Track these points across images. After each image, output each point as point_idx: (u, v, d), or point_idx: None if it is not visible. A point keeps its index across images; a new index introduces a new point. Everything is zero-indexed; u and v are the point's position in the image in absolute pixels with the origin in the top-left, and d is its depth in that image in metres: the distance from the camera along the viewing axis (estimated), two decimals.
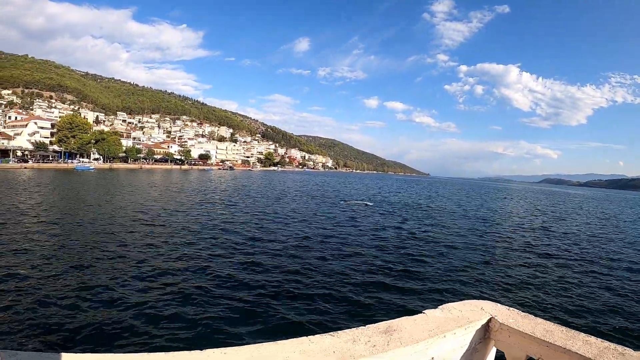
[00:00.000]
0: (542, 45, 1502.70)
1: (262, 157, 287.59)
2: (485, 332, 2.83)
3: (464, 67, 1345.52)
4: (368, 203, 48.80)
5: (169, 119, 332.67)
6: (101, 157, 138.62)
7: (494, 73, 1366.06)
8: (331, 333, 2.42)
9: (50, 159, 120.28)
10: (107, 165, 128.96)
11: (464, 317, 2.80)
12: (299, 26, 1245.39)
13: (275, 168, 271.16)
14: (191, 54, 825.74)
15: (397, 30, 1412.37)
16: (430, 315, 2.86)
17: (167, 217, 28.50)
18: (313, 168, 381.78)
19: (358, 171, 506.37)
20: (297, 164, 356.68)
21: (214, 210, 34.97)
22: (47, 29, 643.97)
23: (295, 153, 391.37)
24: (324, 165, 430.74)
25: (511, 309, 2.95)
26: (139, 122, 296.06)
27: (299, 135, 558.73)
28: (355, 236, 23.35)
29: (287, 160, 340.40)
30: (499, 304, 3.05)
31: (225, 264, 15.54)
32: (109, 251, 16.68)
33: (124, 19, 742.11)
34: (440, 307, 3.02)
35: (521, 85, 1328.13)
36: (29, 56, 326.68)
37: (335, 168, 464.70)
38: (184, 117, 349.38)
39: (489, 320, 2.82)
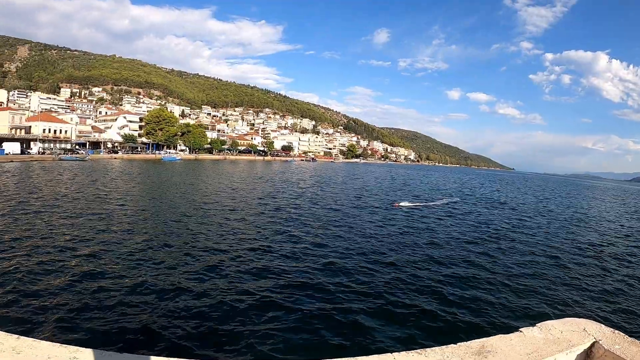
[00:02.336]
0: (633, 30, 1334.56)
1: (344, 149, 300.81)
2: (587, 359, 2.73)
3: (549, 55, 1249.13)
4: (454, 199, 49.87)
5: (252, 111, 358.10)
6: (187, 148, 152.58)
7: (581, 61, 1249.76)
8: (419, 350, 2.40)
9: (139, 150, 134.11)
10: (192, 156, 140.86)
11: (564, 340, 2.70)
12: (378, 17, 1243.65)
13: (357, 160, 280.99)
14: (272, 48, 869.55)
15: (478, 17, 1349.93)
16: (528, 334, 2.78)
17: (250, 205, 31.77)
18: (395, 161, 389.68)
19: (440, 164, 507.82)
20: (379, 156, 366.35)
21: (305, 202, 36.83)
22: (132, 30, 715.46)
23: (378, 145, 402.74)
24: (406, 158, 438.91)
25: (616, 331, 2.82)
26: (223, 115, 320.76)
27: (381, 128, 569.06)
28: (440, 238, 23.88)
29: (369, 152, 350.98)
30: (602, 325, 2.90)
31: (309, 264, 16.35)
32: (203, 240, 18.87)
33: (204, 18, 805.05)
34: (538, 325, 2.94)
35: (611, 74, 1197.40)
36: (117, 56, 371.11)
37: (418, 161, 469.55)
38: (267, 109, 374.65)
39: (592, 345, 2.70)
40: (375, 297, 12.64)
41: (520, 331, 2.73)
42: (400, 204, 38.83)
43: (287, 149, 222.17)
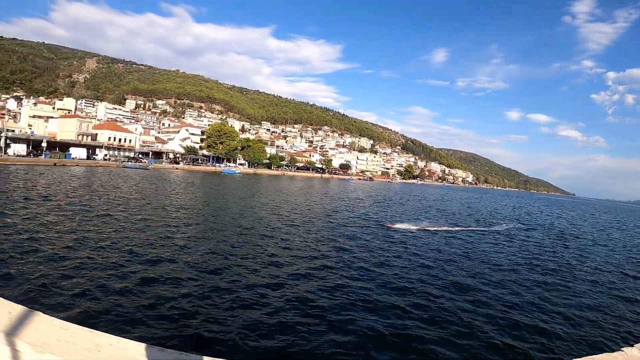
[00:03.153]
0: None
1: (401, 169, 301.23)
2: None
3: (611, 74, 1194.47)
4: (517, 225, 46.90)
5: (310, 129, 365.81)
6: (246, 162, 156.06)
7: None
8: None
9: (199, 162, 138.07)
10: (251, 171, 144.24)
11: None
12: (435, 36, 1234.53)
13: (415, 181, 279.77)
14: (330, 67, 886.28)
15: (537, 35, 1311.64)
16: (630, 353, 2.80)
17: (311, 221, 31.64)
18: (453, 183, 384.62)
19: (499, 188, 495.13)
20: (437, 177, 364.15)
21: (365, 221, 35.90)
22: (194, 47, 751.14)
23: (435, 166, 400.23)
24: (463, 180, 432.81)
25: None
26: (282, 131, 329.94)
27: (439, 149, 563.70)
28: (506, 262, 22.87)
29: (427, 173, 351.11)
30: None
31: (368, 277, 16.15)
32: (264, 254, 18.63)
33: (264, 36, 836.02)
34: (636, 345, 2.96)
35: None
36: (180, 71, 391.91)
37: (476, 184, 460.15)
38: (326, 127, 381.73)
39: None
40: (446, 322, 12.10)
41: (622, 350, 2.79)
42: (440, 227, 35.59)
43: (345, 167, 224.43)
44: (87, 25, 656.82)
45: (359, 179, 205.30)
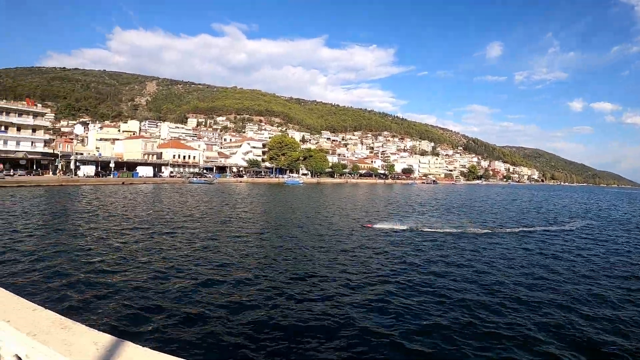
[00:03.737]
0: None
1: (464, 170, 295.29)
2: None
3: None
4: (587, 222, 41.82)
5: (370, 135, 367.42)
6: (309, 172, 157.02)
7: None
8: None
9: (263, 174, 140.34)
10: (314, 180, 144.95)
11: None
12: (489, 30, 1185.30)
13: (479, 181, 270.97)
14: (385, 71, 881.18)
15: (591, 19, 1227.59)
16: None
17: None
18: (518, 181, 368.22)
19: (566, 184, 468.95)
20: (501, 176, 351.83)
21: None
22: (249, 63, 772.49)
23: (499, 165, 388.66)
24: (529, 178, 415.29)
25: None
26: (343, 139, 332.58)
27: (502, 147, 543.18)
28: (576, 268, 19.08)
29: (491, 173, 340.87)
30: None
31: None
32: (337, 266, 17.43)
33: (317, 47, 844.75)
34: None
35: None
36: (238, 87, 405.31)
37: (542, 180, 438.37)
38: (385, 132, 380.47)
39: None
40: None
41: None
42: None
43: (407, 171, 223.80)
44: (144, 50, 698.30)
45: (422, 182, 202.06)
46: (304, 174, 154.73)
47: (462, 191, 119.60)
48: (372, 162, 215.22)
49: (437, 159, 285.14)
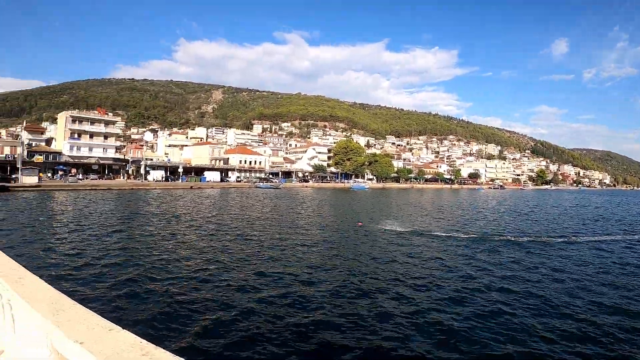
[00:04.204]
0: None
1: (532, 174, 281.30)
2: None
3: None
4: None
5: (435, 139, 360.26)
6: (374, 177, 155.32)
7: None
8: None
9: (328, 179, 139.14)
10: (380, 185, 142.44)
11: None
12: (554, 26, 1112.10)
13: (548, 186, 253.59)
14: (448, 73, 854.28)
15: None
16: None
17: (447, 233, 27.94)
18: (589, 186, 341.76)
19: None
20: (571, 181, 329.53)
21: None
22: (312, 69, 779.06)
23: (568, 169, 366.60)
24: (600, 182, 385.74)
25: None
26: (407, 144, 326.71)
27: (571, 149, 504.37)
28: None
29: (560, 177, 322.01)
30: None
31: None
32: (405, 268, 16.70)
33: (378, 51, 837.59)
34: None
35: None
36: (302, 94, 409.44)
37: (614, 185, 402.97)
38: (451, 136, 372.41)
39: None
40: None
41: None
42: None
43: (473, 176, 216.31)
44: (209, 60, 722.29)
45: (489, 187, 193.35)
46: (369, 179, 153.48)
47: (531, 197, 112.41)
48: (437, 166, 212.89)
49: (504, 163, 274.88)
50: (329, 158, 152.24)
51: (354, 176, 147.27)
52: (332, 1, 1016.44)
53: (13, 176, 66.79)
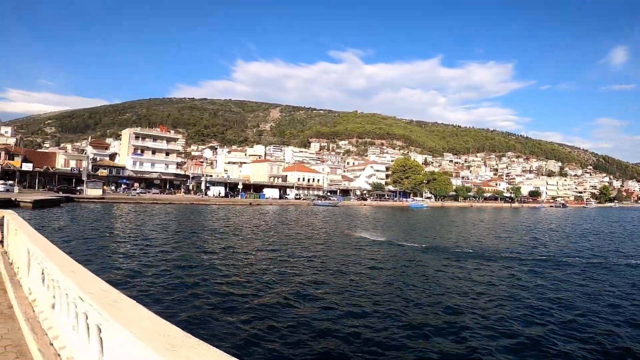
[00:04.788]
0: None
1: (595, 191, 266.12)
2: None
3: None
4: None
5: (494, 156, 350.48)
6: (432, 196, 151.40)
7: None
8: None
9: (386, 197, 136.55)
10: (438, 204, 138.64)
11: None
12: (611, 33, 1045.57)
13: (612, 204, 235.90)
14: (505, 88, 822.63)
15: None
16: None
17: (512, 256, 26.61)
18: None
19: None
20: (636, 198, 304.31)
21: None
22: (368, 87, 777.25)
23: (633, 185, 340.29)
24: None
25: None
26: (465, 161, 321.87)
27: (635, 164, 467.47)
28: None
29: (624, 194, 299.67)
30: None
31: None
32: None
33: (434, 67, 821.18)
34: None
35: None
36: (358, 112, 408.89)
37: None
38: (509, 153, 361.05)
39: None
40: None
41: None
42: None
43: (534, 194, 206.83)
44: (266, 80, 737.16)
45: (551, 205, 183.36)
46: (427, 198, 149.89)
47: (596, 215, 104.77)
48: (496, 184, 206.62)
49: (565, 180, 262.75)
50: (386, 176, 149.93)
51: (412, 194, 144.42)
52: (385, 19, 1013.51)
53: (78, 188, 69.72)
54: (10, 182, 66.17)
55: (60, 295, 4.57)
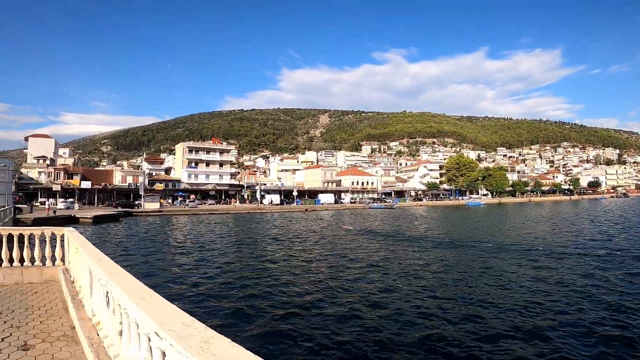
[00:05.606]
0: None
1: None
2: None
3: None
4: None
5: (549, 147, 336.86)
6: (488, 192, 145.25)
7: None
8: None
9: (442, 196, 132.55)
10: (495, 200, 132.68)
11: None
12: None
13: None
14: (554, 76, 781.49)
15: None
16: None
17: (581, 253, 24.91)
18: None
19: None
20: None
21: None
22: (414, 86, 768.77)
23: None
24: None
25: None
26: (519, 155, 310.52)
27: None
28: None
29: None
30: None
31: None
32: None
33: (479, 61, 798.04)
34: None
35: None
36: (407, 111, 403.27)
37: None
38: (565, 143, 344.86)
39: None
40: None
41: None
42: None
43: (593, 185, 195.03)
44: (312, 86, 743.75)
45: (612, 196, 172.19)
46: (483, 195, 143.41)
47: None
48: (553, 177, 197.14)
49: (624, 168, 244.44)
50: (440, 175, 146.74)
51: (467, 192, 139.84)
52: (425, 16, 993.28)
53: (136, 202, 71.12)
54: (71, 199, 69.22)
55: (128, 323, 3.79)
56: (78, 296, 7.69)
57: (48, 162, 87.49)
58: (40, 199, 73.16)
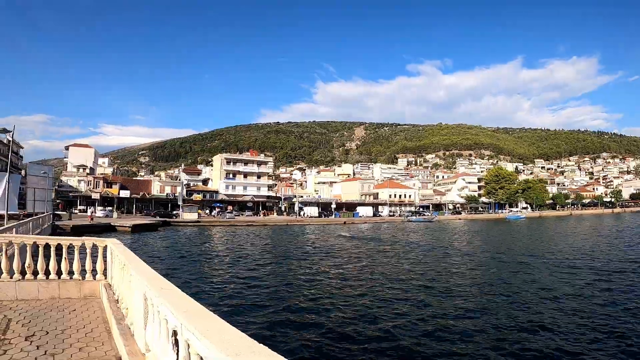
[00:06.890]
0: None
1: None
2: None
3: None
4: None
5: (587, 158, 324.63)
6: (528, 205, 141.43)
7: None
8: None
9: (481, 209, 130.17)
10: (536, 214, 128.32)
11: None
12: None
13: None
14: (591, 84, 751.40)
15: None
16: None
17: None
18: None
19: None
20: None
21: None
22: (449, 98, 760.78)
23: None
24: None
25: None
26: (558, 166, 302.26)
27: None
28: None
29: None
30: None
31: None
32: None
33: (514, 70, 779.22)
34: None
35: None
36: (443, 124, 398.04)
37: None
38: (604, 154, 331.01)
39: None
40: None
41: None
42: None
43: (636, 197, 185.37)
44: (347, 99, 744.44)
45: None
46: (523, 208, 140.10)
47: None
48: (594, 189, 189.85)
49: None
50: (479, 188, 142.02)
51: (507, 205, 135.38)
52: (459, 26, 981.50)
53: (174, 212, 71.45)
54: (109, 208, 71.10)
55: None
56: (125, 321, 6.72)
57: (88, 170, 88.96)
58: (79, 207, 74.67)
